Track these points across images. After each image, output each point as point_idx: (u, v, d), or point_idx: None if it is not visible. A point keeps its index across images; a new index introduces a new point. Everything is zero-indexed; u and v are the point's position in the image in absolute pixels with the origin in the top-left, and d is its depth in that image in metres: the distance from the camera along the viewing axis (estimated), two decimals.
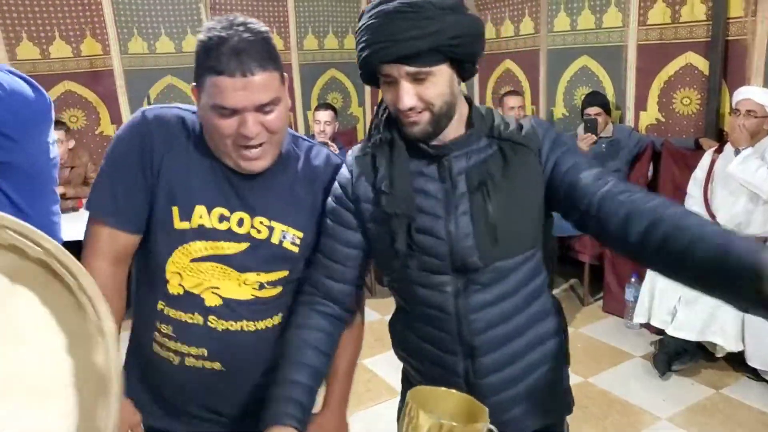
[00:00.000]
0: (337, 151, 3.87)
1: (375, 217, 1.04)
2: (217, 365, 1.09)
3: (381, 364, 2.86)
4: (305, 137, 1.20)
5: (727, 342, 2.57)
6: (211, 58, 0.94)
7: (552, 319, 1.13)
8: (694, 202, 3.00)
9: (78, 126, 4.17)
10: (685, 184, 3.16)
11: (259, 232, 1.08)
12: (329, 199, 1.11)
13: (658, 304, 2.81)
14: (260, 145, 1.00)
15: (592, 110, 3.46)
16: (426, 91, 0.95)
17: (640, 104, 3.61)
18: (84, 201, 3.56)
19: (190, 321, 1.08)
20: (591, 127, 3.39)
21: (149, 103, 4.31)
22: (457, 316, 1.04)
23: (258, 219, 1.08)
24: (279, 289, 1.13)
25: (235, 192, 1.07)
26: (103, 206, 1.06)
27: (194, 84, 1.00)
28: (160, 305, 1.09)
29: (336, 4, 4.88)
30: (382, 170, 1.03)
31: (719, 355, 2.72)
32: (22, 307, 0.68)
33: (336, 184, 1.10)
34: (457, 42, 0.93)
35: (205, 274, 1.07)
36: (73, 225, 3.06)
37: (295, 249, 1.11)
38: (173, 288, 1.08)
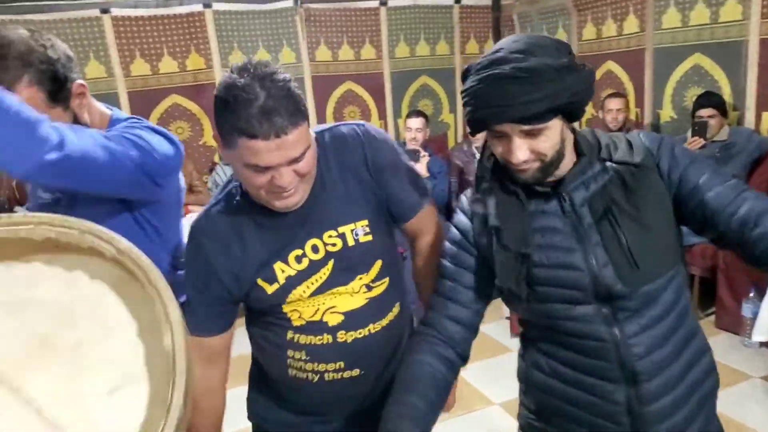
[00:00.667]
0: (427, 159, 3.88)
1: (497, 258, 1.03)
2: (356, 372, 1.16)
3: (472, 372, 2.80)
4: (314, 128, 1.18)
5: None
6: (241, 120, 0.92)
7: (701, 335, 1.08)
8: None
9: (183, 137, 4.43)
10: None
11: (334, 245, 1.11)
12: (447, 244, 1.12)
13: None
14: (293, 188, 1.02)
15: (705, 112, 3.24)
16: (539, 144, 0.95)
17: (763, 104, 3.32)
18: (189, 208, 3.78)
19: (320, 342, 1.13)
20: (699, 129, 3.18)
21: None
22: (615, 343, 0.99)
23: (326, 235, 1.11)
24: (385, 281, 1.17)
25: (293, 229, 1.10)
26: (190, 322, 1.01)
27: (218, 134, 1.00)
28: (289, 335, 1.15)
29: (428, 12, 4.88)
30: (491, 210, 1.03)
31: None
32: (105, 302, 0.78)
33: (454, 230, 1.11)
34: (573, 99, 0.93)
35: (317, 303, 1.12)
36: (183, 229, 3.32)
37: (370, 237, 1.13)
38: (296, 321, 1.14)
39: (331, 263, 1.11)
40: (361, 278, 1.13)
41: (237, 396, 1.33)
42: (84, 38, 4.04)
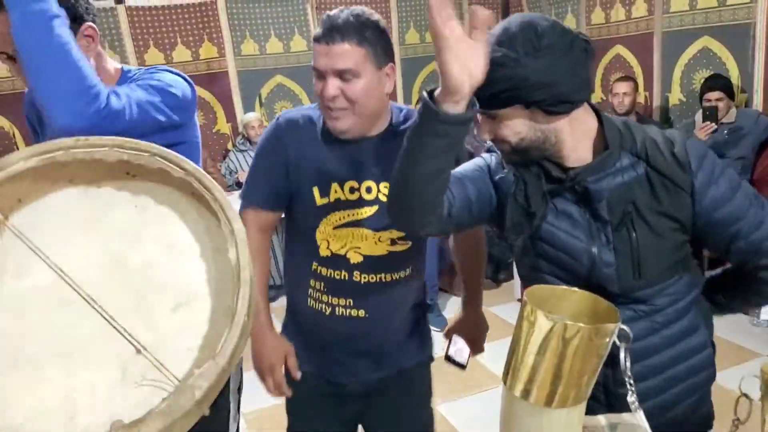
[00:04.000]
0: None
1: (508, 207, 1.04)
2: (361, 312, 1.30)
3: (484, 352, 2.85)
4: (403, 106, 1.35)
5: None
6: (316, 32, 1.16)
7: (703, 332, 1.08)
8: None
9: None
10: None
11: (385, 195, 1.24)
12: (467, 164, 1.13)
13: None
14: (340, 109, 1.17)
15: (713, 95, 3.25)
16: (498, 130, 0.98)
17: None
18: None
19: (338, 277, 1.29)
20: (711, 115, 3.19)
21: (261, 102, 4.58)
22: None
23: (383, 184, 1.25)
24: (409, 244, 1.30)
25: (361, 165, 1.25)
26: (252, 193, 1.33)
27: None
28: (314, 266, 1.30)
29: None
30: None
31: None
32: (172, 225, 0.83)
33: (480, 160, 1.11)
34: (534, 93, 0.92)
35: (347, 238, 1.27)
36: None
37: None
38: (323, 251, 1.28)
39: (375, 208, 1.26)
40: (391, 232, 1.27)
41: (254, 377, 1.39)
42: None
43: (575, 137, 0.99)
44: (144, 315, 0.77)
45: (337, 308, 1.30)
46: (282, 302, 1.52)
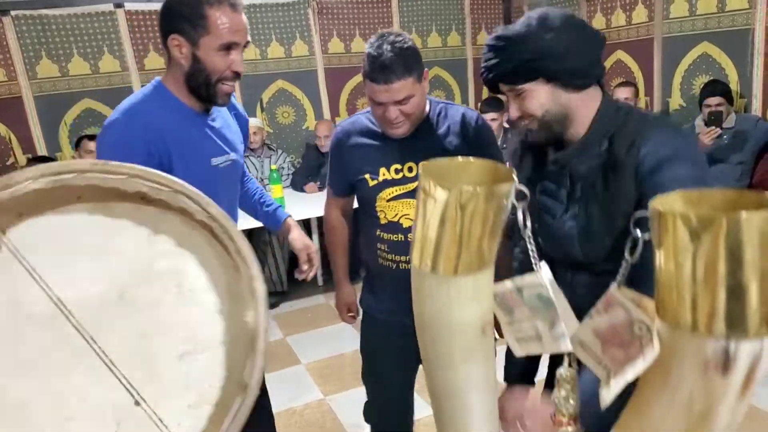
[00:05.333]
0: None
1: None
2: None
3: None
4: (443, 101, 1.66)
5: None
6: (369, 69, 1.42)
7: None
8: None
9: None
10: None
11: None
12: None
13: None
14: (400, 123, 1.49)
15: (713, 100, 3.26)
16: (524, 104, 1.07)
17: None
18: None
19: (395, 239, 1.61)
20: (715, 119, 3.20)
21: (261, 107, 4.59)
22: (565, 283, 1.05)
23: (423, 164, 1.48)
24: None
25: (402, 152, 1.57)
26: (330, 184, 1.77)
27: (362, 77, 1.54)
28: (377, 232, 1.63)
29: (439, 3, 4.93)
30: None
31: None
32: (187, 265, 0.75)
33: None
34: (549, 63, 1.03)
35: (398, 208, 1.60)
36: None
37: None
38: (382, 220, 1.61)
39: (417, 182, 1.49)
40: None
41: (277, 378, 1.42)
42: (98, 33, 4.09)
43: (582, 115, 1.08)
44: (147, 360, 0.71)
45: (400, 264, 1.61)
46: (284, 308, 1.63)
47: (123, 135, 1.29)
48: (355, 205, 1.76)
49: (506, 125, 4.34)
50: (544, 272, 0.86)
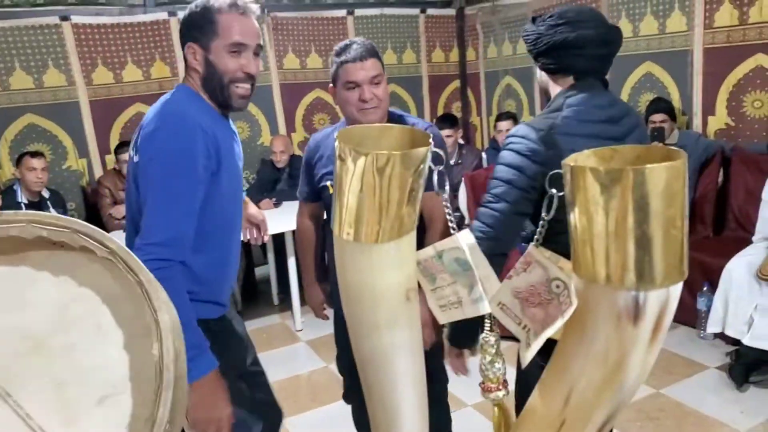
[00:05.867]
0: None
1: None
2: None
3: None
4: (399, 111, 1.78)
5: None
6: (342, 56, 1.58)
7: None
8: None
9: None
10: (758, 190, 3.05)
11: None
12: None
13: (733, 314, 2.71)
14: (373, 107, 1.59)
15: (657, 117, 3.40)
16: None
17: (708, 109, 3.53)
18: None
19: None
20: (658, 135, 3.33)
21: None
22: None
23: None
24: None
25: None
26: (300, 191, 1.88)
27: (331, 85, 1.67)
28: None
29: (395, 21, 4.99)
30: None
31: None
32: (98, 306, 0.74)
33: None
34: (536, 47, 1.35)
35: None
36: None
37: None
38: None
39: None
40: None
41: None
42: (42, 46, 3.96)
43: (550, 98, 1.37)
44: (64, 409, 0.70)
45: None
46: None
47: (184, 139, 1.28)
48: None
49: (461, 141, 4.41)
50: (462, 235, 0.86)
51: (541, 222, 0.86)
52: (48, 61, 4.00)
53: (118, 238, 0.76)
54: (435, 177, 0.83)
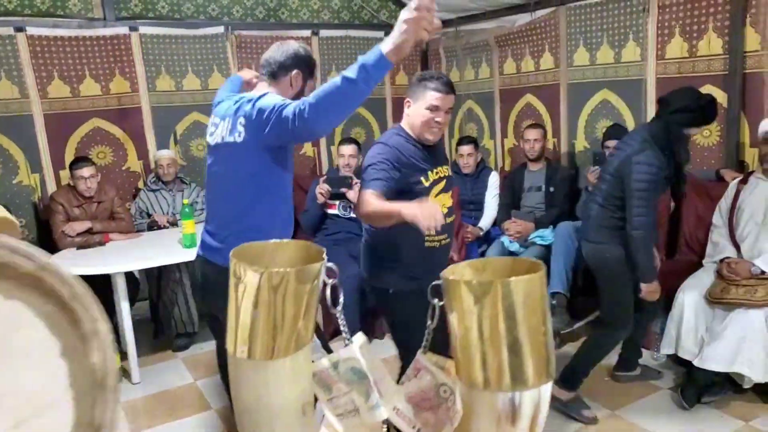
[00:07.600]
0: (358, 186, 3.89)
1: None
2: (446, 240, 2.21)
3: None
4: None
5: (754, 373, 2.53)
6: (433, 83, 2.07)
7: None
8: (718, 232, 3.00)
9: (105, 162, 4.27)
10: (707, 215, 3.16)
11: (447, 171, 2.23)
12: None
13: (685, 336, 2.78)
14: (440, 129, 2.13)
15: (612, 143, 3.47)
16: None
17: None
18: (111, 236, 3.56)
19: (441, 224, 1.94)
20: (599, 159, 3.42)
21: (175, 140, 4.43)
22: None
23: (445, 167, 2.22)
24: (454, 216, 2.27)
25: (433, 159, 2.18)
26: (379, 186, 2.03)
27: (408, 99, 2.14)
28: None
29: (359, 43, 5.01)
30: None
31: (746, 386, 2.66)
32: (18, 322, 0.69)
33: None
34: None
35: (440, 202, 2.11)
36: (102, 259, 3.09)
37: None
38: None
39: (444, 182, 2.19)
40: (451, 197, 2.24)
41: None
42: None
43: None
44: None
45: (441, 242, 2.16)
46: (194, 351, 1.50)
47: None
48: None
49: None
50: (355, 343, 0.87)
51: (426, 330, 0.89)
52: (1, 72, 3.87)
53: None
54: (328, 291, 0.83)
